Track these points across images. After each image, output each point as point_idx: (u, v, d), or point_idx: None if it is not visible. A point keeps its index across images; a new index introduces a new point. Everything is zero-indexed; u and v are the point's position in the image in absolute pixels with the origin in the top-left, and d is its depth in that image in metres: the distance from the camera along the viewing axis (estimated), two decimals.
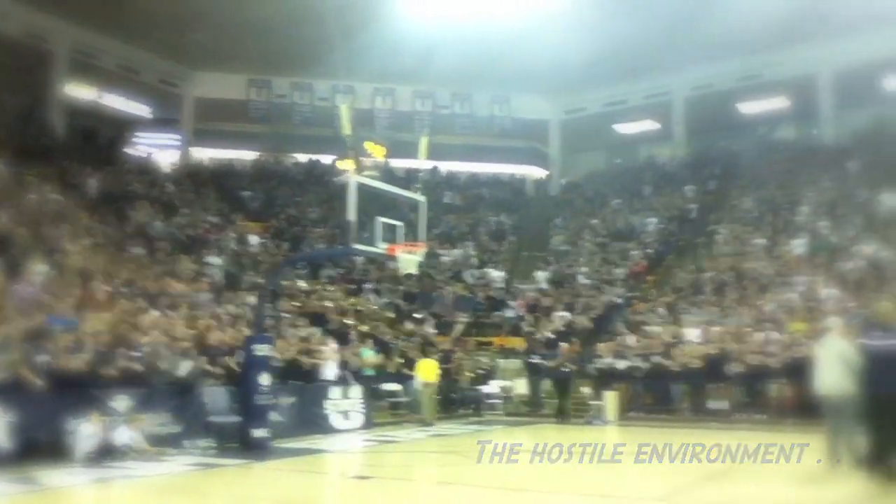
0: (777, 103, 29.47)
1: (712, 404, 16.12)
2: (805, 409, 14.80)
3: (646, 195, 27.75)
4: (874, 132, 26.44)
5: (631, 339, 18.22)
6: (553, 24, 23.60)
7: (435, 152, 29.20)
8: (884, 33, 24.06)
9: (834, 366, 9.35)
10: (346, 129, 14.94)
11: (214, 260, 19.73)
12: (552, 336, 19.37)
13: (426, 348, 18.30)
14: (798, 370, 14.99)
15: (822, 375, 9.52)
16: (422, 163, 27.62)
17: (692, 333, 17.54)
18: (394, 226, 12.61)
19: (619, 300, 20.86)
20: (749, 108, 30.06)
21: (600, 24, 23.80)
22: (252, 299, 16.73)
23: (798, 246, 19.98)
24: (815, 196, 22.66)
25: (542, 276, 23.62)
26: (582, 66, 26.74)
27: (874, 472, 8.43)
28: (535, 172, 34.24)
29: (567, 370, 17.22)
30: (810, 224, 21.05)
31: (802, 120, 29.91)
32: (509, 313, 22.09)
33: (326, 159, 29.86)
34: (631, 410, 17.07)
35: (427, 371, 16.43)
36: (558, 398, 17.04)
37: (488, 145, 32.74)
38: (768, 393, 15.60)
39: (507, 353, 20.45)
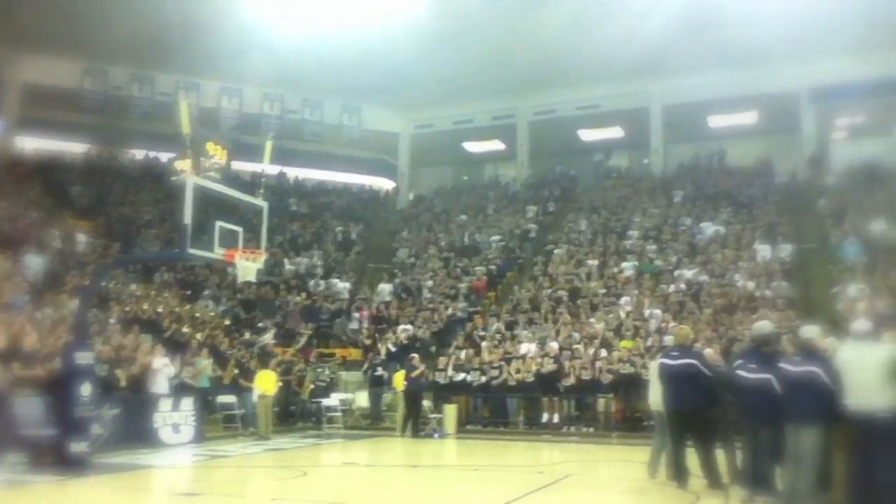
0: (613, 133, 31.43)
1: (545, 417, 16.71)
2: (630, 422, 15.80)
3: (490, 213, 28.52)
4: (696, 165, 28.76)
5: (470, 354, 18.56)
6: (406, 39, 23.84)
7: (283, 158, 28.65)
8: (709, 76, 26.25)
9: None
10: (186, 127, 14.22)
11: (34, 259, 18.19)
12: (394, 349, 19.38)
13: (265, 359, 17.75)
14: (624, 386, 15.99)
15: (654, 392, 10.16)
16: (267, 167, 26.88)
17: (528, 348, 18.12)
18: (234, 231, 12.17)
19: (461, 314, 21.23)
20: (587, 135, 31.85)
21: (452, 44, 24.34)
22: (75, 302, 15.54)
23: (627, 268, 21.19)
24: (644, 222, 24.17)
25: (386, 288, 23.63)
26: (433, 82, 27.23)
27: (678, 483, 9.09)
28: (384, 184, 34.37)
29: (422, 383, 17.22)
30: (638, 248, 22.41)
31: (635, 150, 32.01)
32: (353, 325, 21.90)
33: (165, 157, 28.40)
34: (469, 423, 17.39)
35: (265, 383, 15.93)
36: (407, 411, 16.95)
37: (337, 154, 32.51)
38: (597, 407, 16.40)
39: (350, 365, 20.26)
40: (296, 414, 18.17)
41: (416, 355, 17.62)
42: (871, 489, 7.24)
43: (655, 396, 10.03)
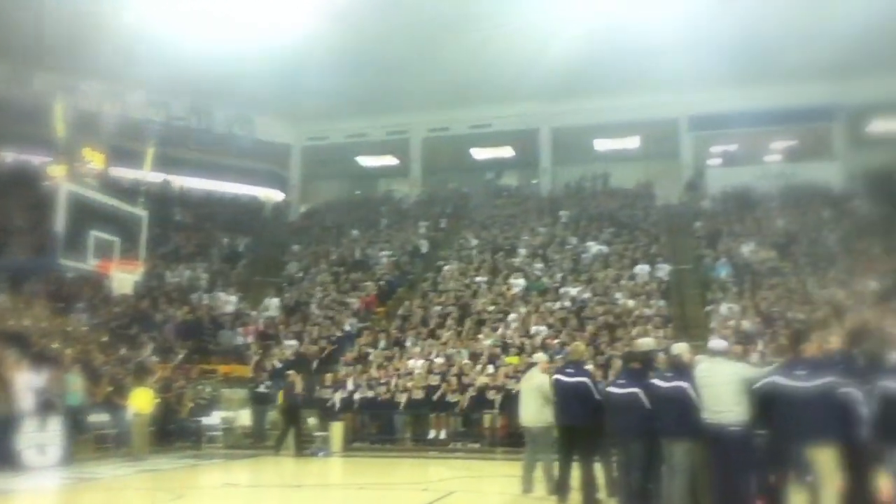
0: (504, 152, 32.11)
1: (432, 434, 16.72)
2: (515, 437, 16.00)
3: (382, 228, 28.45)
4: (582, 186, 29.74)
5: (358, 370, 18.37)
6: (301, 51, 23.55)
7: (168, 166, 27.65)
8: (596, 101, 27.28)
9: (533, 399, 10.23)
10: (61, 130, 13.50)
11: None
12: (280, 365, 18.95)
13: (142, 376, 16.95)
14: (509, 402, 16.18)
15: (524, 407, 10.35)
16: (150, 175, 25.88)
17: (416, 365, 18.11)
18: (110, 241, 11.63)
19: (350, 330, 21.00)
20: (480, 153, 32.39)
21: (347, 58, 24.24)
22: None
23: (515, 285, 21.58)
24: (532, 240, 24.72)
25: (274, 302, 23.12)
26: (328, 95, 27.00)
27: (559, 497, 9.28)
28: (274, 196, 33.71)
29: (298, 399, 16.85)
30: (526, 265, 22.87)
31: (524, 169, 32.79)
32: (237, 340, 21.28)
33: (38, 161, 26.80)
34: (356, 441, 17.17)
35: (141, 400, 15.21)
36: (285, 429, 16.56)
37: (226, 164, 31.67)
38: (483, 423, 16.54)
39: (233, 381, 19.62)
40: (174, 433, 17.43)
41: (291, 371, 17.27)
42: (728, 501, 7.63)
43: (526, 412, 10.26)
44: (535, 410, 10.17)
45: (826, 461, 6.75)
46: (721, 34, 22.22)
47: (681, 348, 8.80)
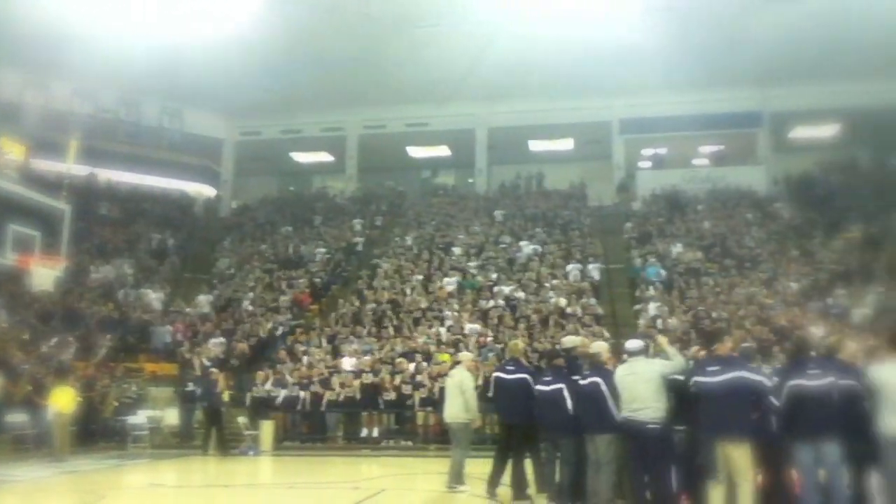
0: (440, 151, 32.18)
1: (365, 432, 16.64)
2: (448, 434, 16.04)
3: (316, 225, 28.16)
4: (517, 186, 30.03)
5: (290, 368, 18.15)
6: (235, 44, 23.11)
7: (94, 159, 26.81)
8: (531, 103, 27.58)
9: (454, 396, 10.31)
10: None
11: None
12: (209, 363, 18.56)
13: (63, 374, 16.37)
14: (441, 399, 16.23)
15: (446, 404, 10.44)
16: (75, 168, 25.03)
17: (350, 363, 17.99)
18: (30, 235, 11.20)
19: (283, 328, 20.73)
20: (416, 152, 32.39)
21: (282, 53, 23.91)
22: None
23: (449, 283, 21.65)
24: (467, 239, 24.83)
25: (204, 299, 22.64)
26: (262, 90, 26.57)
27: (489, 493, 9.37)
28: (205, 191, 32.99)
29: (219, 399, 16.52)
30: (461, 264, 22.97)
31: (461, 169, 32.94)
32: (165, 338, 20.75)
33: None
34: (286, 440, 16.96)
35: (62, 399, 14.69)
36: (209, 428, 16.25)
37: (156, 158, 30.82)
38: (416, 420, 16.54)
39: (160, 380, 19.14)
40: (97, 433, 16.89)
41: (214, 369, 16.96)
42: (646, 495, 7.84)
43: (447, 409, 10.37)
44: (455, 407, 10.27)
45: (740, 457, 6.97)
46: (652, 41, 22.72)
47: (599, 347, 9.03)
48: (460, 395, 10.20)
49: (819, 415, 6.99)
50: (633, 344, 8.37)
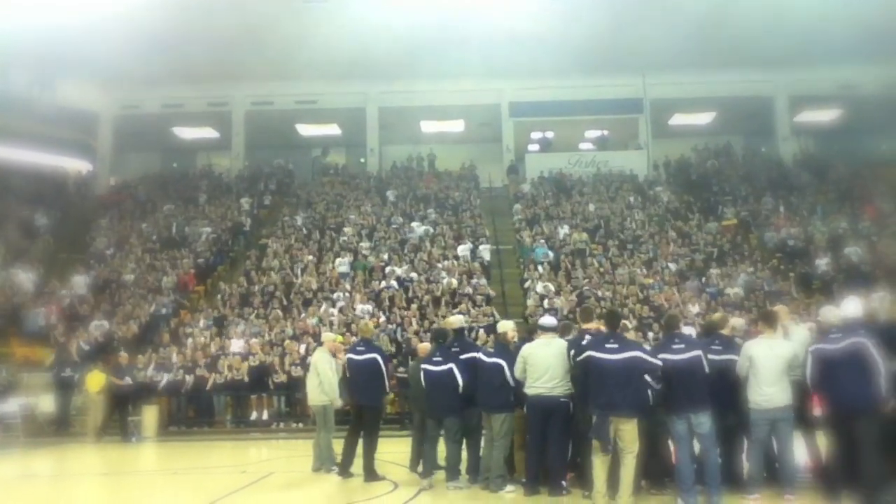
0: (330, 129, 31.71)
1: (254, 415, 16.35)
2: (338, 416, 15.99)
3: (200, 203, 27.24)
4: (409, 167, 30.04)
5: (174, 351, 17.57)
6: (110, 10, 21.88)
7: None
8: (423, 84, 27.56)
9: (313, 377, 10.39)
10: None
11: None
12: (87, 347, 17.72)
13: None
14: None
15: (307, 387, 10.55)
16: None
17: (238, 345, 17.60)
18: None
19: (165, 310, 20.02)
20: (305, 130, 31.78)
21: (163, 21, 22.80)
22: None
23: (341, 264, 21.47)
24: (359, 219, 24.67)
25: (80, 280, 21.54)
26: (141, 61, 25.28)
27: (341, 474, 9.75)
28: (81, 167, 31.23)
29: (128, 384, 15.84)
30: (352, 244, 22.82)
31: (352, 148, 32.58)
32: (38, 321, 19.61)
33: None
34: (171, 425, 16.44)
35: None
36: (108, 413, 15.60)
37: (25, 130, 28.84)
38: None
39: (33, 365, 18.08)
40: None
41: (124, 353, 16.32)
42: (542, 466, 8.15)
43: (309, 392, 10.51)
44: (312, 389, 10.36)
45: (629, 431, 7.33)
46: (541, 27, 23.18)
47: (506, 326, 9.25)
48: (316, 377, 10.25)
49: (689, 388, 7.43)
50: (547, 320, 8.62)
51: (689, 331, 13.08)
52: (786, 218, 24.00)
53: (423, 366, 9.23)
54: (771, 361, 7.43)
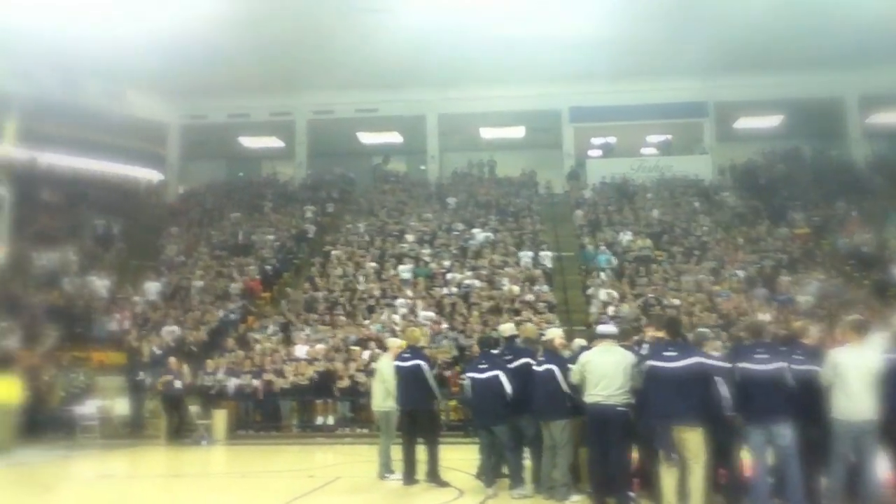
0: (391, 137, 31.99)
1: (319, 420, 16.57)
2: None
3: (265, 211, 27.79)
4: (469, 174, 30.10)
5: (242, 356, 17.94)
6: (179, 24, 22.51)
7: (34, 142, 25.96)
8: (483, 91, 27.59)
9: (378, 384, 10.55)
10: None
11: None
12: (159, 351, 18.23)
13: (6, 364, 15.89)
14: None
15: (373, 393, 10.71)
16: (13, 152, 24.20)
17: (303, 351, 17.88)
18: None
19: (233, 316, 20.46)
20: (366, 138, 32.15)
21: (229, 34, 23.37)
22: None
23: (403, 271, 21.62)
24: (419, 226, 24.82)
25: (152, 287, 22.19)
26: (208, 72, 25.99)
27: (406, 479, 9.76)
28: (151, 176, 32.21)
29: (179, 388, 16.30)
30: (414, 251, 22.95)
31: (412, 156, 32.79)
32: (112, 326, 20.27)
33: None
34: (240, 429, 16.79)
35: (6, 391, 14.28)
36: (168, 417, 16.06)
37: (99, 141, 29.90)
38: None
39: (108, 369, 18.71)
40: (44, 424, 16.46)
41: (172, 358, 16.74)
42: (606, 476, 8.02)
43: (374, 398, 10.65)
44: (377, 396, 10.48)
45: (693, 440, 7.17)
46: (602, 31, 22.97)
47: (553, 333, 9.19)
48: (382, 383, 10.37)
49: (770, 398, 7.21)
50: (605, 328, 8.51)
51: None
52: (858, 223, 23.21)
53: (468, 374, 9.26)
54: (859, 371, 7.15)
